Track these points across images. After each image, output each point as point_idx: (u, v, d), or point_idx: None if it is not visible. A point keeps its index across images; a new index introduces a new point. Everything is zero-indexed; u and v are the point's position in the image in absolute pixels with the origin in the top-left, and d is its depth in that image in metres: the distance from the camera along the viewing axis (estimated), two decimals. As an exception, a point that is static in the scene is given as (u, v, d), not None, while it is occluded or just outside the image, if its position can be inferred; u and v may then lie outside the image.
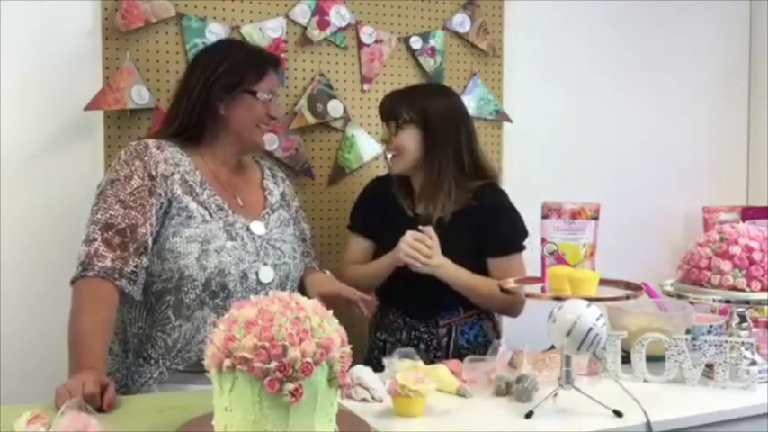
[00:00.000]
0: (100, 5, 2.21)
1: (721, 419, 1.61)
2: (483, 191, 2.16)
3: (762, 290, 1.75)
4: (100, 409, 1.45)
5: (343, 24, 2.49)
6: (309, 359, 1.15)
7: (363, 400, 1.60)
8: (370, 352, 2.24)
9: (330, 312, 1.25)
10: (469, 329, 2.19)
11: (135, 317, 1.85)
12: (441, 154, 2.12)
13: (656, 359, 1.79)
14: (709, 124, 3.16)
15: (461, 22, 2.66)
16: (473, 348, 2.11)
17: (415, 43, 2.59)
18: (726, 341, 1.75)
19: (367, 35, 2.53)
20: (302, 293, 1.70)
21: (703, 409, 1.62)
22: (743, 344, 1.77)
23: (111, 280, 1.71)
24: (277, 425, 1.17)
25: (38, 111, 2.18)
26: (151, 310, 1.84)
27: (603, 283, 1.80)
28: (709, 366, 1.76)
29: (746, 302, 1.79)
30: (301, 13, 2.44)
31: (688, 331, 1.90)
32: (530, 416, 1.51)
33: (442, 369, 1.71)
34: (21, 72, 2.15)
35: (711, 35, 3.13)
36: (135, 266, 1.75)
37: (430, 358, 2.08)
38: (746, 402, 1.67)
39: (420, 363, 1.75)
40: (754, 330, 1.84)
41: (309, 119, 2.44)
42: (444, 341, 2.17)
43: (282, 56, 2.39)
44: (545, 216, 1.84)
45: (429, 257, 2.02)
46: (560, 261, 1.80)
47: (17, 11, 2.13)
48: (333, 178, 2.52)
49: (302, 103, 2.43)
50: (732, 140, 3.21)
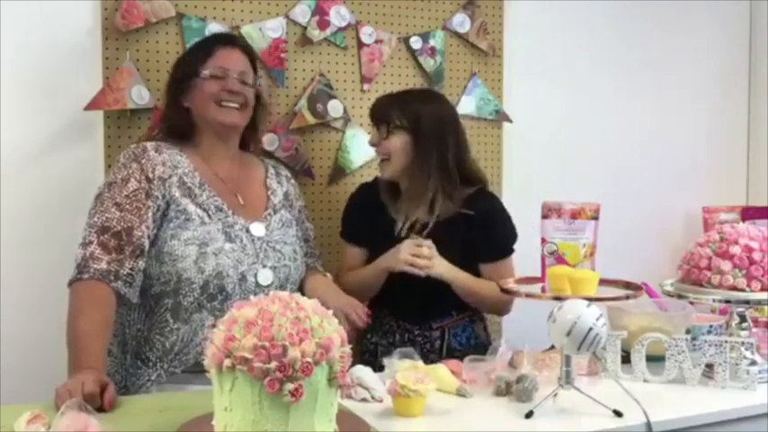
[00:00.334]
0: (100, 5, 2.21)
1: (721, 419, 1.61)
2: (476, 198, 2.16)
3: (762, 290, 1.75)
4: (100, 409, 1.45)
5: (343, 24, 2.49)
6: (309, 359, 1.15)
7: (363, 400, 1.60)
8: (361, 355, 2.22)
9: (330, 312, 1.26)
10: (462, 332, 2.20)
11: (133, 319, 1.85)
12: (427, 160, 2.11)
13: (656, 359, 1.79)
14: (709, 124, 3.16)
15: (461, 22, 2.66)
16: (465, 350, 2.10)
17: (415, 43, 2.59)
18: (726, 341, 1.75)
19: (367, 35, 2.53)
20: (302, 293, 1.70)
21: (703, 409, 1.62)
22: (743, 344, 1.77)
23: (106, 282, 1.71)
24: (277, 425, 1.17)
25: (38, 111, 2.18)
26: (149, 312, 1.84)
27: (603, 283, 1.80)
28: (709, 366, 1.76)
29: (746, 302, 1.78)
30: (301, 13, 2.44)
31: (688, 331, 1.90)
32: (530, 416, 1.51)
33: (441, 369, 1.71)
34: (21, 72, 2.15)
35: (711, 35, 3.14)
36: (131, 269, 1.75)
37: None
38: (746, 402, 1.67)
39: (420, 363, 1.75)
40: (754, 330, 1.84)
41: (309, 119, 2.44)
42: (437, 344, 2.17)
43: (282, 56, 2.40)
44: (545, 216, 1.83)
45: (429, 263, 2.02)
46: (560, 261, 1.80)
47: (17, 11, 2.13)
48: (333, 178, 2.52)
49: (302, 103, 2.43)
50: (732, 140, 3.21)
